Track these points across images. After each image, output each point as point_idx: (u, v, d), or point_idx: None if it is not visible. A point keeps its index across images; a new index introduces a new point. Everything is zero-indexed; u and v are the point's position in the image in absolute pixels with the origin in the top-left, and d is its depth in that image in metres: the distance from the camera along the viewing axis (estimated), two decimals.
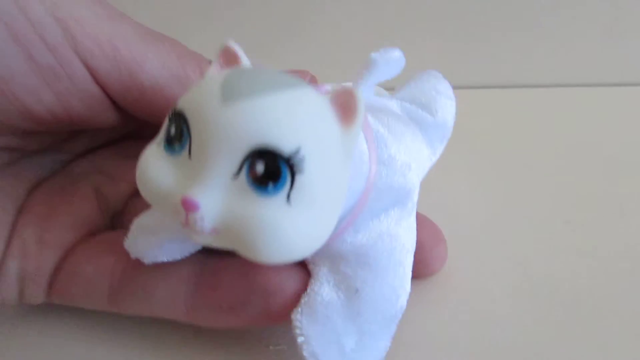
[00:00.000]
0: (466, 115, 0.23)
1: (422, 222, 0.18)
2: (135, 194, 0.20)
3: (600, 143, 0.31)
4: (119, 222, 0.20)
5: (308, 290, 0.15)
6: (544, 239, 0.23)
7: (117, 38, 0.16)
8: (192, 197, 0.11)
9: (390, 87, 0.22)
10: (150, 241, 0.16)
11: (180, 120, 0.12)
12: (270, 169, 0.11)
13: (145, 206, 0.17)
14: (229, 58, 0.14)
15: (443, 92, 0.21)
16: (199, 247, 0.17)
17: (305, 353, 0.14)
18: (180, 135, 0.12)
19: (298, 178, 0.11)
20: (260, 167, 0.11)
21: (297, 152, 0.11)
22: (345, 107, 0.13)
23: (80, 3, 0.16)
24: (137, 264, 0.17)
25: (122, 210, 0.20)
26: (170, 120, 0.13)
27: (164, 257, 0.16)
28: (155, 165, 0.13)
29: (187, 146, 0.12)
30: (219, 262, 0.17)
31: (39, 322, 0.19)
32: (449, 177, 0.26)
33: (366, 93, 0.20)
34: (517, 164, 0.29)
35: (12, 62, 0.15)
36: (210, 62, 0.18)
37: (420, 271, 0.18)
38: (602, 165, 0.29)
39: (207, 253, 0.17)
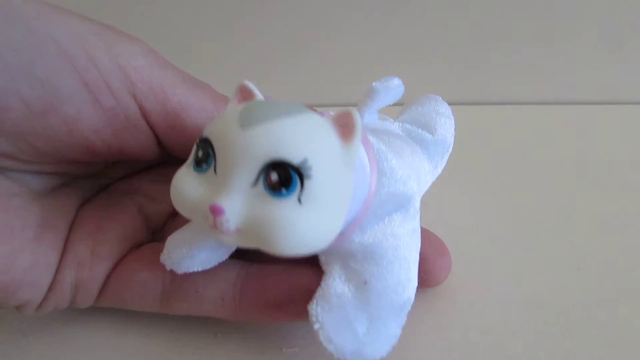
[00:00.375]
0: (465, 132, 0.25)
1: (427, 236, 0.20)
2: (174, 213, 0.23)
3: (596, 160, 0.32)
4: (159, 239, 0.23)
5: (322, 284, 0.17)
6: (540, 254, 0.24)
7: (167, 84, 0.19)
8: (218, 203, 0.14)
9: (399, 103, 0.24)
10: (183, 253, 0.18)
11: (206, 145, 0.15)
12: (282, 177, 0.14)
13: (183, 224, 0.20)
14: (245, 94, 0.17)
15: (443, 113, 0.23)
16: (226, 256, 0.19)
17: (321, 338, 0.16)
18: (206, 156, 0.15)
19: (307, 183, 0.14)
20: (274, 176, 0.14)
21: (304, 162, 0.14)
22: (345, 126, 0.15)
23: (137, 53, 0.19)
24: None
25: (162, 227, 0.23)
26: (197, 146, 0.15)
27: (195, 267, 0.19)
28: (186, 182, 0.15)
29: (213, 165, 0.15)
30: (262, 266, 0.19)
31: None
32: (449, 193, 0.28)
33: (370, 118, 0.22)
34: (515, 180, 0.30)
35: (82, 106, 0.18)
36: None
37: (426, 282, 0.20)
38: (598, 181, 0.30)
39: (250, 259, 0.20)
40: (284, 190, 0.14)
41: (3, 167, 0.19)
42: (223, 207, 0.14)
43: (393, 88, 0.22)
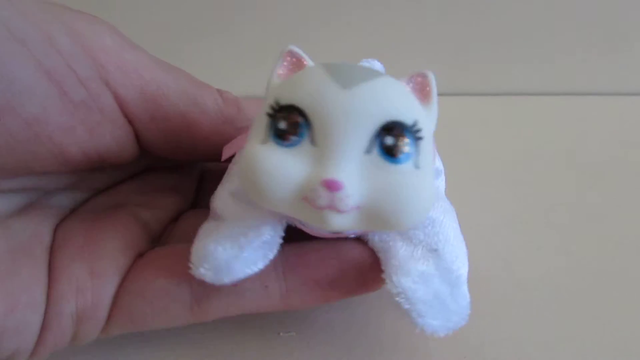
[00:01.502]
0: (462, 123, 0.25)
1: None
2: (174, 219, 0.20)
3: (591, 150, 0.32)
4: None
5: (390, 260, 0.16)
6: (529, 240, 0.25)
7: (141, 67, 0.17)
8: (334, 177, 0.12)
9: None
10: (229, 254, 0.15)
11: (293, 112, 0.13)
12: (399, 140, 0.13)
13: (190, 227, 0.17)
14: (294, 59, 0.15)
15: None
16: (271, 256, 0.16)
17: (413, 316, 0.15)
18: (295, 127, 0.13)
19: (420, 145, 0.13)
20: (390, 140, 0.13)
21: (416, 123, 0.13)
22: (421, 87, 0.14)
23: (103, 32, 0.16)
24: None
25: (162, 234, 0.19)
26: (272, 116, 0.13)
27: (244, 270, 0.15)
28: (271, 159, 0.13)
29: (308, 135, 0.13)
30: (300, 245, 0.17)
31: None
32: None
33: None
34: (509, 169, 0.30)
35: (47, 101, 0.15)
36: (217, 90, 0.19)
37: None
38: (593, 171, 0.30)
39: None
40: (402, 155, 0.13)
41: None
42: (341, 181, 0.12)
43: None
